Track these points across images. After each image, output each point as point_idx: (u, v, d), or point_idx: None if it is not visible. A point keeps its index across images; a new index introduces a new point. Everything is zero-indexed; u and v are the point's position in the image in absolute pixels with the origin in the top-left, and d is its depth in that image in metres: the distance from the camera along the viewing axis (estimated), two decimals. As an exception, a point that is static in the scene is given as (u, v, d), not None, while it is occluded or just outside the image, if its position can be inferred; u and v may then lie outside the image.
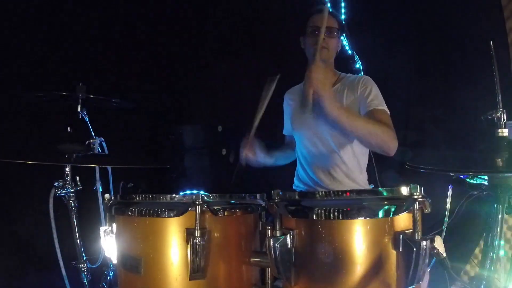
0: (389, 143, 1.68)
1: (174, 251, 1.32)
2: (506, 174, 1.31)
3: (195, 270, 1.28)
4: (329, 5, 2.75)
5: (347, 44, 2.70)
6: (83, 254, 1.93)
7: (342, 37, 2.19)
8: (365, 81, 1.94)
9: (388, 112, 1.86)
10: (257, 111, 1.79)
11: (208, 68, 3.38)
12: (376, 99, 1.87)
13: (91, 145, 2.07)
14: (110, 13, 2.82)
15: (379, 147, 1.73)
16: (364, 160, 2.04)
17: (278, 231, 1.27)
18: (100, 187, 2.30)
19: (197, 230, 1.28)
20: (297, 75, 2.06)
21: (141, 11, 3.06)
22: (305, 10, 2.05)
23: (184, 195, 1.36)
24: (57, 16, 2.52)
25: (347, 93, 1.95)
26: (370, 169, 2.04)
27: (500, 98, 1.36)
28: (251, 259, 1.42)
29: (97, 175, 2.34)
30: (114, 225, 1.50)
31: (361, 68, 2.69)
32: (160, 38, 3.19)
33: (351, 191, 1.25)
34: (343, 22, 2.37)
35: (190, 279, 1.29)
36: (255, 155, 1.93)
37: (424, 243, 1.09)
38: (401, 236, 1.15)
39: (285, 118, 2.25)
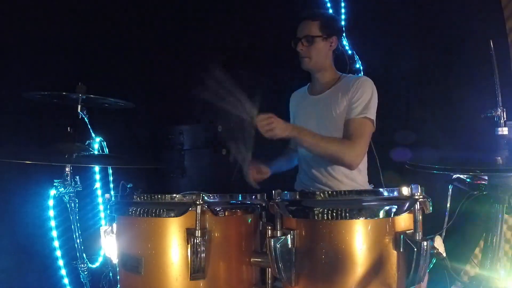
0: (348, 160, 1.81)
1: (175, 251, 1.32)
2: (506, 174, 1.31)
3: (196, 270, 1.28)
4: (329, 5, 2.75)
5: (347, 44, 2.70)
6: (83, 254, 1.92)
7: (341, 37, 2.18)
8: (359, 84, 1.91)
9: (371, 118, 1.87)
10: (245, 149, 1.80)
11: (208, 68, 3.37)
12: (360, 106, 1.87)
13: (91, 145, 2.07)
14: (110, 13, 2.82)
15: (339, 164, 1.88)
16: (364, 161, 2.03)
17: (278, 231, 1.27)
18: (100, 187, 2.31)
19: (198, 230, 1.28)
20: (304, 76, 2.07)
21: (141, 12, 3.06)
22: (297, 15, 2.06)
23: (184, 195, 1.36)
24: (57, 15, 2.51)
25: (341, 98, 1.94)
26: (374, 170, 2.03)
27: (500, 97, 1.36)
28: (252, 259, 1.43)
29: (97, 175, 2.35)
30: (114, 225, 1.50)
31: (361, 68, 2.69)
32: (160, 38, 3.19)
33: (351, 191, 1.25)
34: (340, 21, 2.37)
35: (190, 279, 1.30)
36: (261, 175, 1.99)
37: (425, 243, 1.09)
38: (401, 236, 1.15)
39: (291, 119, 2.25)
